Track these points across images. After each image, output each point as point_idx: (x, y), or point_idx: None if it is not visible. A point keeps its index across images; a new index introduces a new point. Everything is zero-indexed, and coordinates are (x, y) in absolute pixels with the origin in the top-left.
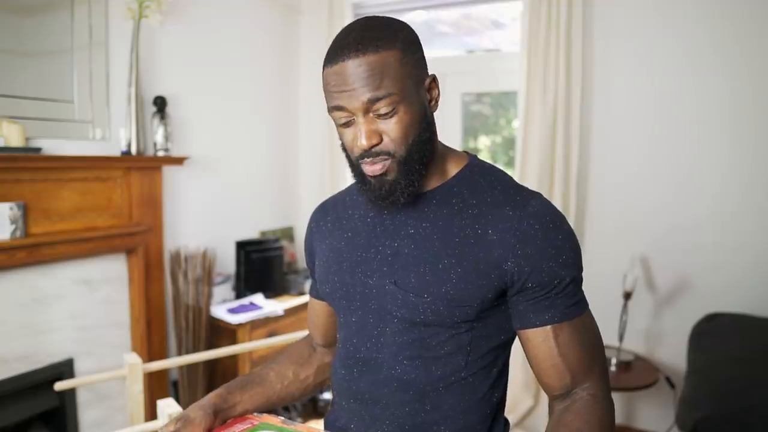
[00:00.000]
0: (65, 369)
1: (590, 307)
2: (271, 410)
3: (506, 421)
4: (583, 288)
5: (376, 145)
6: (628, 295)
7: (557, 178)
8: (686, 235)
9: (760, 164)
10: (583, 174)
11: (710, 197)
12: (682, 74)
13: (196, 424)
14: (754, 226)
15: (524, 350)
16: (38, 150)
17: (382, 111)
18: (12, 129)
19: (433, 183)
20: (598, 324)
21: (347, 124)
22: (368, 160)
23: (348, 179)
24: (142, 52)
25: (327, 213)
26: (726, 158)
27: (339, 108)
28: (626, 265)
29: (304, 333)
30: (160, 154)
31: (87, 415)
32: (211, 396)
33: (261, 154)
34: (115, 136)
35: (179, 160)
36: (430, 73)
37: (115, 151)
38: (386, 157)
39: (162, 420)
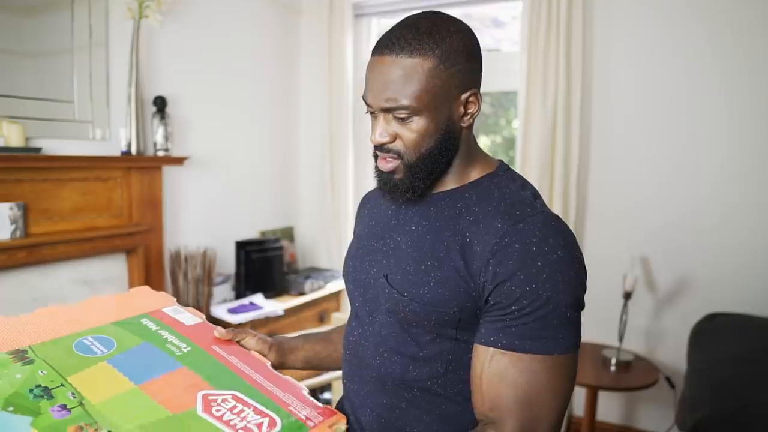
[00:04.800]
0: None
1: (590, 307)
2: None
3: None
4: None
5: (388, 143)
6: (628, 295)
7: (557, 178)
8: (686, 235)
9: (760, 164)
10: (583, 174)
11: (710, 197)
12: (683, 74)
13: (250, 333)
14: (754, 225)
15: None
16: (38, 150)
17: (399, 116)
18: (12, 129)
19: (449, 185)
20: (597, 324)
21: (373, 115)
22: (381, 154)
23: (348, 179)
24: (142, 52)
25: (368, 200)
26: (726, 158)
27: (365, 100)
28: (626, 265)
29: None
30: (160, 154)
31: None
32: (277, 336)
33: (261, 154)
34: (115, 136)
35: (179, 160)
36: (473, 88)
37: (115, 151)
38: (396, 156)
39: None
